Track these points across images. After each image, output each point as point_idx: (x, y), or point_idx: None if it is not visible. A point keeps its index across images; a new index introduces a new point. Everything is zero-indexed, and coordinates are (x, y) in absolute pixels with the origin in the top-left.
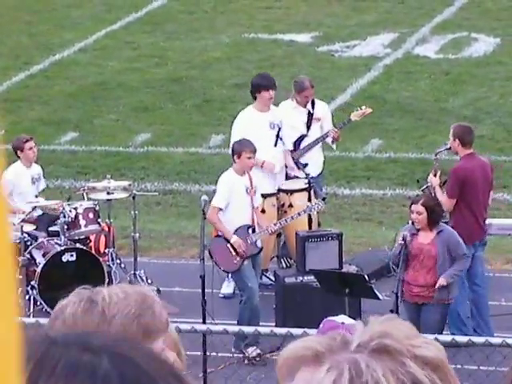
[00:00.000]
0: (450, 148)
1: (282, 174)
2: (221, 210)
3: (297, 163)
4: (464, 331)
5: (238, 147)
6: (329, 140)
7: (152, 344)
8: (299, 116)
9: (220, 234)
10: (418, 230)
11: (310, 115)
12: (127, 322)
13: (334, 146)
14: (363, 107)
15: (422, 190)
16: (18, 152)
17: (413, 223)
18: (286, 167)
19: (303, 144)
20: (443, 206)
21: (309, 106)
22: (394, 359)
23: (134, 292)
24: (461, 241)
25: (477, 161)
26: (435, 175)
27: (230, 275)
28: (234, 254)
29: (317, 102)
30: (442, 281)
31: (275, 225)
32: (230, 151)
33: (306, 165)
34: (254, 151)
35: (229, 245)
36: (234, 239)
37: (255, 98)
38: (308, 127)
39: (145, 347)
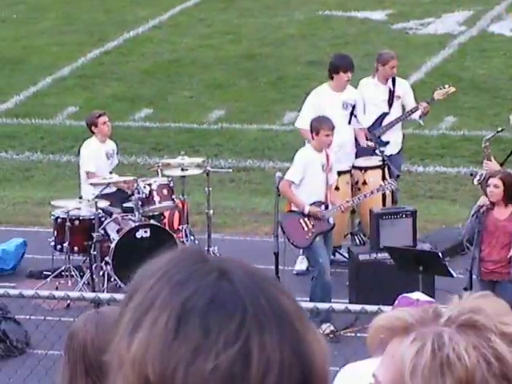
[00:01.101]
0: (500, 131)
1: (353, 152)
2: (293, 183)
3: (378, 141)
4: None
5: (316, 124)
6: (415, 116)
7: None
8: (380, 93)
9: (293, 209)
10: (493, 205)
11: (391, 93)
12: None
13: (422, 122)
14: (446, 86)
15: (479, 183)
16: (93, 127)
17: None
18: (358, 145)
19: (385, 122)
20: None
21: (389, 83)
22: (480, 335)
23: None
24: None
25: None
26: (489, 160)
27: (302, 252)
28: (306, 229)
29: (397, 79)
30: None
31: (348, 202)
32: (296, 124)
33: (387, 143)
34: (333, 129)
35: (301, 220)
36: (308, 208)
37: (332, 78)
38: (390, 105)
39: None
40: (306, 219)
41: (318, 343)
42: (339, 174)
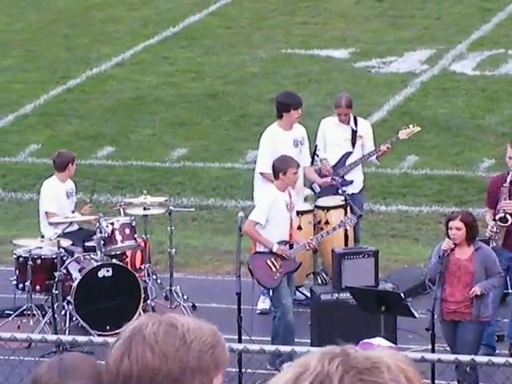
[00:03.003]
0: None
1: (303, 191)
2: (258, 223)
3: (341, 180)
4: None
5: (282, 165)
6: (373, 158)
7: (217, 376)
8: (343, 133)
9: (259, 249)
10: (455, 245)
11: (354, 132)
12: (204, 349)
13: (378, 162)
14: (411, 126)
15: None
16: (69, 165)
17: (449, 238)
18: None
19: (349, 161)
20: None
21: (351, 123)
22: None
23: (204, 324)
24: (497, 259)
25: None
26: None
27: (264, 290)
28: (274, 269)
29: (359, 119)
30: (476, 289)
31: (312, 240)
32: (257, 170)
33: (351, 182)
34: (298, 166)
35: (269, 261)
36: (277, 247)
37: (281, 117)
38: (353, 144)
39: None
40: (273, 259)
41: None
42: (302, 213)
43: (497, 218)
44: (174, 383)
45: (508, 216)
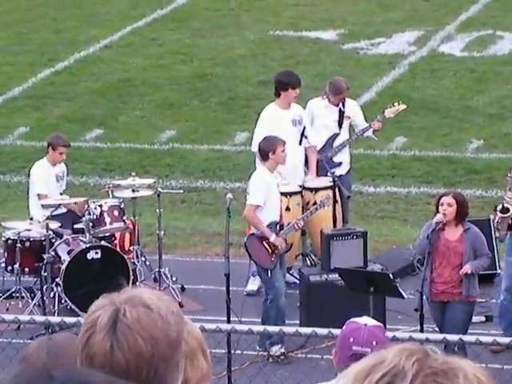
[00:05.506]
0: None
1: (302, 172)
2: (258, 206)
3: (329, 162)
4: None
5: (269, 144)
6: (369, 133)
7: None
8: (331, 115)
9: (255, 231)
10: (445, 225)
11: (342, 113)
12: (176, 320)
13: (375, 137)
14: (396, 104)
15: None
16: (50, 149)
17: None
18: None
19: (336, 142)
20: None
21: (340, 104)
22: None
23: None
24: (485, 241)
25: None
26: None
27: (255, 272)
28: (270, 251)
29: (347, 100)
30: (467, 267)
31: (300, 220)
32: (252, 149)
33: (340, 163)
34: (285, 143)
35: (265, 243)
36: (274, 238)
37: (279, 95)
38: (340, 125)
39: None
40: (268, 241)
41: None
42: (290, 194)
43: (498, 208)
44: (167, 362)
45: (509, 206)
